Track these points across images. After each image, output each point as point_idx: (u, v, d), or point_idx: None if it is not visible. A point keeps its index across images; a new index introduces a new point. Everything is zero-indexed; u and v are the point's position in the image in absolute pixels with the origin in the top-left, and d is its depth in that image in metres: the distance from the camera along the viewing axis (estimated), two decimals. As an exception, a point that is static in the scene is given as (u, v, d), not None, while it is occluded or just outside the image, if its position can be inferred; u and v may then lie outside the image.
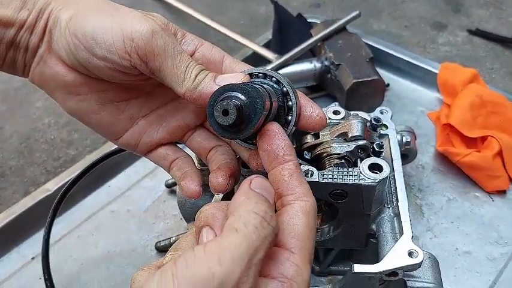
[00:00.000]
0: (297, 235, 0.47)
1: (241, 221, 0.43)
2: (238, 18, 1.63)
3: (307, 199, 0.49)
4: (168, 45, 0.55)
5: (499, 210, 0.97)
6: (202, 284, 0.39)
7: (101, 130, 0.64)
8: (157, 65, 0.55)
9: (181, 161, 0.64)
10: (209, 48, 0.60)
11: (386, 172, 0.68)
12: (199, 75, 0.55)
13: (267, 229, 0.43)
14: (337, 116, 0.79)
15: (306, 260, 0.46)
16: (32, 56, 0.59)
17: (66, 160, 1.17)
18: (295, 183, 0.50)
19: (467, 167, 1.01)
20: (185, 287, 0.39)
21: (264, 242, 0.43)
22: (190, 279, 0.39)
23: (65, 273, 0.90)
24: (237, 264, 0.40)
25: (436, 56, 1.42)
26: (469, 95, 1.08)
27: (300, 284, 0.45)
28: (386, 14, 1.60)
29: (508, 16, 1.57)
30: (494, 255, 0.90)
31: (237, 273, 0.40)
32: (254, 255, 0.41)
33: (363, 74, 1.10)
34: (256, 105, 0.50)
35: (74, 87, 0.59)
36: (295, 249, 0.46)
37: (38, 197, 0.97)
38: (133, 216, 0.99)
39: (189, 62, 0.55)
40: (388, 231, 0.71)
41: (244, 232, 0.42)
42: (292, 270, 0.45)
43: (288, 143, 0.52)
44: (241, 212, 0.44)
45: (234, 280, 0.39)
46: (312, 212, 0.49)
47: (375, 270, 0.64)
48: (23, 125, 1.26)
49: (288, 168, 0.51)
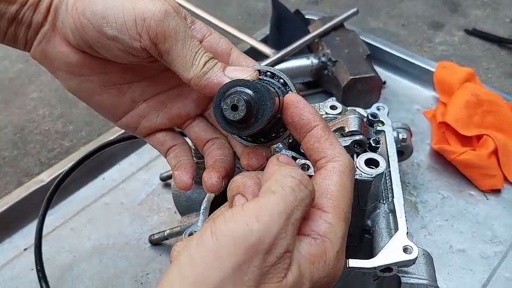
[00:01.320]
0: (329, 195, 0.48)
1: (278, 183, 0.44)
2: (236, 14, 1.63)
3: (339, 159, 0.50)
4: (179, 27, 0.53)
5: (494, 209, 0.97)
6: (241, 239, 0.39)
7: (102, 111, 0.63)
8: (167, 47, 0.53)
9: (179, 148, 0.64)
10: (217, 38, 0.59)
11: (383, 167, 0.68)
12: (208, 63, 0.54)
13: (303, 192, 0.44)
14: (334, 111, 0.79)
15: (339, 218, 0.47)
16: (34, 33, 0.57)
17: (60, 151, 1.16)
18: (324, 146, 0.51)
19: (462, 165, 1.01)
20: (224, 242, 0.40)
21: (300, 204, 0.43)
22: (229, 235, 0.40)
23: (57, 264, 0.89)
24: (275, 221, 0.41)
25: (432, 55, 1.42)
26: (465, 94, 1.08)
27: (332, 240, 0.45)
28: (384, 13, 1.61)
29: (504, 17, 1.58)
30: (488, 254, 0.90)
31: (275, 230, 0.40)
32: (291, 214, 0.42)
33: (360, 71, 1.09)
34: (266, 106, 0.49)
35: (77, 68, 0.58)
36: (328, 208, 0.47)
37: (31, 187, 0.96)
38: (127, 209, 0.98)
39: (199, 47, 0.54)
40: (383, 226, 0.71)
41: (281, 193, 0.43)
42: (324, 228, 0.46)
43: (309, 109, 0.52)
44: (277, 176, 0.45)
45: (272, 236, 0.40)
46: (346, 170, 0.49)
47: (369, 265, 0.63)
48: (17, 115, 1.26)
49: (314, 134, 0.51)
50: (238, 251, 0.39)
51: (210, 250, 0.40)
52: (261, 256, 0.39)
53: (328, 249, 0.45)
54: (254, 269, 0.39)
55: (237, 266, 0.39)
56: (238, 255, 0.39)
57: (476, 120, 1.06)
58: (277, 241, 0.40)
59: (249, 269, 0.39)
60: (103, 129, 1.20)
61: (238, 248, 0.39)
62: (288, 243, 0.41)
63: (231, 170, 0.61)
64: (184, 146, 0.64)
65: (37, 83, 1.35)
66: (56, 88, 1.32)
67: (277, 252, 0.40)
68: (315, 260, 0.44)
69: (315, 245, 0.45)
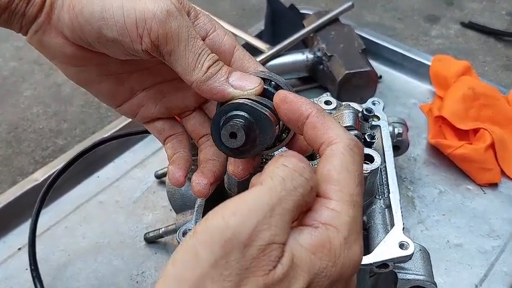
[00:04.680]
0: (331, 179, 0.44)
1: (268, 174, 0.42)
2: (231, 9, 1.62)
3: (338, 140, 0.46)
4: (182, 28, 0.52)
5: (491, 203, 0.97)
6: (217, 235, 0.38)
7: (101, 98, 0.62)
8: (169, 49, 0.52)
9: (176, 139, 0.63)
10: (221, 35, 0.57)
11: (378, 163, 0.67)
12: (212, 67, 0.52)
13: (297, 180, 0.41)
14: (328, 106, 0.78)
15: (345, 202, 0.43)
16: (29, 22, 0.55)
17: (54, 150, 1.16)
18: (320, 132, 0.47)
19: (459, 160, 1.00)
20: (201, 239, 0.39)
21: (291, 193, 0.41)
22: (207, 231, 0.39)
23: (51, 264, 0.88)
24: (253, 215, 0.39)
25: (428, 48, 1.42)
26: (461, 87, 1.08)
27: (338, 226, 0.42)
28: (380, 6, 1.60)
29: (500, 9, 1.57)
30: (486, 248, 0.89)
31: (252, 223, 0.39)
32: (278, 204, 0.40)
33: (355, 65, 1.09)
34: (266, 136, 0.48)
35: (74, 60, 0.57)
36: (330, 194, 0.44)
37: (25, 186, 0.95)
38: (122, 207, 0.97)
39: (203, 49, 0.53)
40: (379, 222, 0.70)
41: (269, 184, 0.41)
42: (326, 215, 0.43)
43: (299, 100, 0.49)
44: (271, 167, 0.43)
45: (249, 228, 0.38)
46: (347, 150, 0.46)
47: (365, 261, 0.63)
48: (11, 114, 1.25)
49: (309, 123, 0.48)
50: (214, 247, 0.38)
51: (189, 248, 0.39)
52: (239, 250, 0.38)
53: (333, 236, 0.42)
54: (233, 263, 0.38)
55: (214, 262, 0.38)
56: (215, 251, 0.38)
57: (472, 114, 1.05)
58: (256, 233, 0.38)
59: (227, 263, 0.38)
60: (97, 127, 1.19)
61: (214, 243, 0.38)
62: (272, 234, 0.39)
63: (221, 174, 0.61)
64: (182, 137, 0.63)
65: (31, 81, 1.34)
66: (50, 86, 1.31)
67: (258, 245, 0.38)
68: (317, 250, 0.41)
69: (316, 234, 0.42)
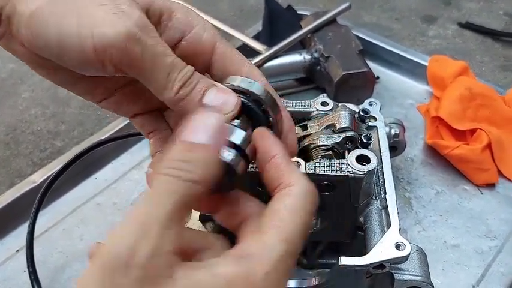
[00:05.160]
0: (274, 216, 0.43)
1: None
2: (229, 10, 1.62)
3: (296, 183, 0.45)
4: (146, 50, 0.47)
5: (488, 204, 0.97)
6: (101, 260, 0.37)
7: (80, 96, 0.59)
8: (135, 72, 0.49)
9: (159, 135, 0.59)
10: (199, 33, 0.54)
11: (374, 164, 0.67)
12: (183, 88, 0.49)
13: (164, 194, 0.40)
14: (325, 107, 0.78)
15: (279, 239, 0.41)
16: None
17: (52, 151, 1.16)
18: (281, 173, 0.46)
19: (456, 160, 1.00)
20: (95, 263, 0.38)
21: (164, 202, 0.39)
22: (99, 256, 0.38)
23: (49, 266, 0.88)
24: (125, 234, 0.38)
25: (426, 49, 1.41)
26: (458, 88, 1.08)
27: (262, 260, 0.40)
28: (377, 7, 1.60)
29: (498, 9, 1.57)
30: (483, 249, 0.89)
31: (127, 243, 0.37)
32: (151, 216, 0.39)
33: (352, 66, 1.09)
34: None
35: (43, 67, 0.54)
36: (266, 228, 0.42)
37: (23, 188, 0.95)
38: (119, 209, 0.97)
39: (172, 67, 0.49)
40: (376, 223, 0.70)
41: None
42: (253, 247, 0.41)
43: (269, 140, 0.48)
44: None
45: (125, 248, 0.37)
46: (301, 195, 0.44)
47: (361, 262, 0.63)
48: (9, 115, 1.25)
49: (272, 162, 0.47)
50: (103, 274, 0.37)
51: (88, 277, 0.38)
52: (121, 272, 0.36)
53: (254, 269, 0.39)
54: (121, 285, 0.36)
55: None
56: (100, 278, 0.37)
57: (469, 114, 1.05)
58: (134, 252, 0.37)
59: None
60: (95, 129, 1.19)
61: (103, 270, 0.37)
62: (150, 249, 0.37)
63: None
64: (165, 133, 0.60)
65: (29, 82, 1.34)
66: (48, 88, 1.31)
67: (139, 263, 0.37)
68: (235, 282, 0.39)
69: (236, 265, 0.40)
